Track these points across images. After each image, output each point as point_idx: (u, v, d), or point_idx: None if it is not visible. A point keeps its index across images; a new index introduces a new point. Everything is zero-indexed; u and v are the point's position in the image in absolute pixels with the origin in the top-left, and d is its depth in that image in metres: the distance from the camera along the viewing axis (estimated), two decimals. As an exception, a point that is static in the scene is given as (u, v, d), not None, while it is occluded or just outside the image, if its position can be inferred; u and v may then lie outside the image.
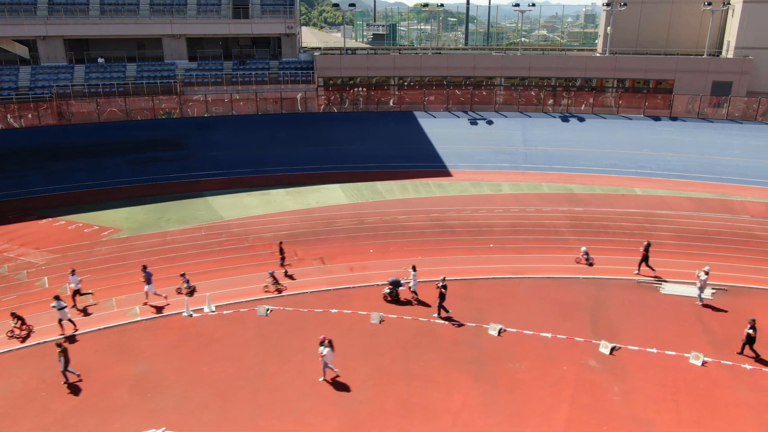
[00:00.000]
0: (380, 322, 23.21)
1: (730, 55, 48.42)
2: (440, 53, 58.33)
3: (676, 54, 49.01)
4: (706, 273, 24.08)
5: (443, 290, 23.08)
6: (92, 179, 40.71)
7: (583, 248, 28.68)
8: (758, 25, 46.47)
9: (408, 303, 24.74)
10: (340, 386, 19.23)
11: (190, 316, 23.73)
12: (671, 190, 39.40)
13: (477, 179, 42.13)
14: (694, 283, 26.11)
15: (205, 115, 47.64)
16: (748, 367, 20.22)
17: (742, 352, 20.73)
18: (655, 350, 21.22)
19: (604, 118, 48.18)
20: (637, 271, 27.17)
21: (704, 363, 20.42)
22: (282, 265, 27.63)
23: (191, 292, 25.49)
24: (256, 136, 46.98)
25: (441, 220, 34.44)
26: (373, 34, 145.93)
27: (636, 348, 21.37)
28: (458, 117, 49.38)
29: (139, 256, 29.44)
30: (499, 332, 22.36)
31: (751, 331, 20.28)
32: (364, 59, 51.34)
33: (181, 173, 42.54)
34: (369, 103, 50.04)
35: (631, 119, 47.70)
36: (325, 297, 25.30)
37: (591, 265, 28.17)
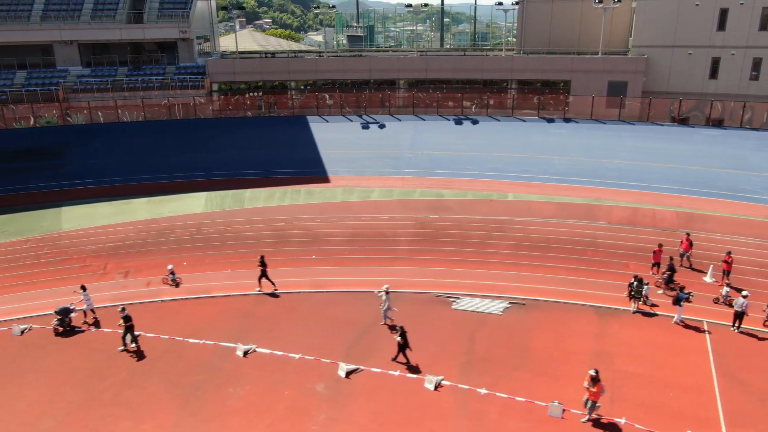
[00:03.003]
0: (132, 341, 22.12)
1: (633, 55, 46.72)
2: (361, 56, 57.12)
3: (572, 53, 47.33)
4: (387, 293, 22.50)
5: (125, 321, 21.12)
6: (-46, 190, 40.08)
7: (170, 267, 26.86)
8: (653, 23, 44.65)
9: (80, 331, 23.01)
10: (31, 413, 18.15)
11: (-57, 336, 22.82)
12: (545, 195, 37.87)
13: (353, 185, 40.88)
14: (495, 297, 25.02)
15: (89, 123, 46.82)
16: (483, 391, 18.85)
17: (395, 359, 20.25)
18: (397, 373, 19.92)
19: (498, 120, 46.71)
20: (258, 289, 25.75)
21: (438, 387, 19.09)
22: None
23: None
24: (140, 143, 46.05)
25: (282, 230, 33.30)
26: (348, 36, 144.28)
27: (379, 370, 20.08)
28: (351, 121, 48.15)
29: (-56, 271, 28.67)
30: (245, 353, 21.17)
31: (399, 339, 19.89)
32: (258, 63, 50.24)
33: (52, 182, 41.70)
34: (262, 108, 48.93)
35: (525, 121, 46.19)
36: (98, 313, 24.16)
37: (177, 285, 26.48)
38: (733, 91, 43.86)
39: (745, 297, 21.56)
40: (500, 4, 49.42)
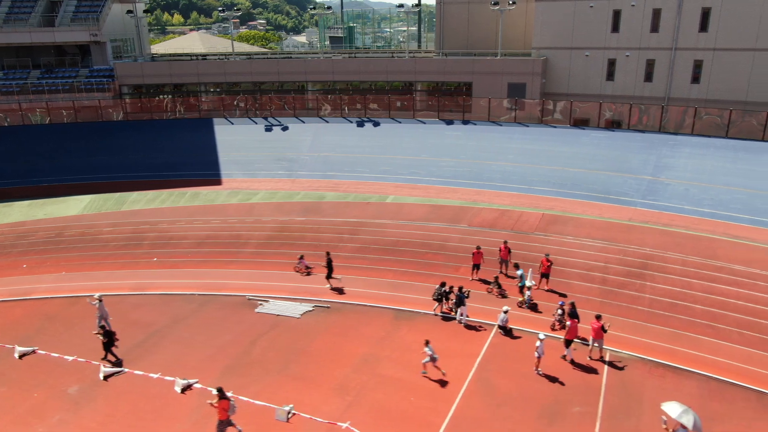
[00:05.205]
0: None
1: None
2: (290, 57, 57.28)
3: (473, 55, 47.20)
4: (100, 300, 22.43)
5: None
6: None
7: None
8: (551, 24, 44.49)
9: None
10: None
11: None
12: (424, 198, 37.80)
13: (241, 188, 41.01)
14: (303, 300, 25.08)
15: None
16: (228, 394, 18.87)
17: (105, 358, 20.64)
18: (156, 375, 20.03)
19: (400, 123, 46.70)
20: None
21: (186, 390, 19.17)
22: None
23: None
24: (43, 146, 46.43)
25: (142, 233, 33.51)
26: (330, 37, 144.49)
27: (141, 373, 20.21)
28: (256, 123, 48.31)
29: None
30: (22, 356, 21.36)
31: (102, 338, 20.50)
32: (166, 66, 50.48)
33: (-58, 186, 42.18)
34: (172, 111, 49.19)
35: (425, 123, 46.16)
36: None
37: None
38: (628, 92, 43.65)
39: (505, 312, 21.78)
40: (401, 6, 49.41)
